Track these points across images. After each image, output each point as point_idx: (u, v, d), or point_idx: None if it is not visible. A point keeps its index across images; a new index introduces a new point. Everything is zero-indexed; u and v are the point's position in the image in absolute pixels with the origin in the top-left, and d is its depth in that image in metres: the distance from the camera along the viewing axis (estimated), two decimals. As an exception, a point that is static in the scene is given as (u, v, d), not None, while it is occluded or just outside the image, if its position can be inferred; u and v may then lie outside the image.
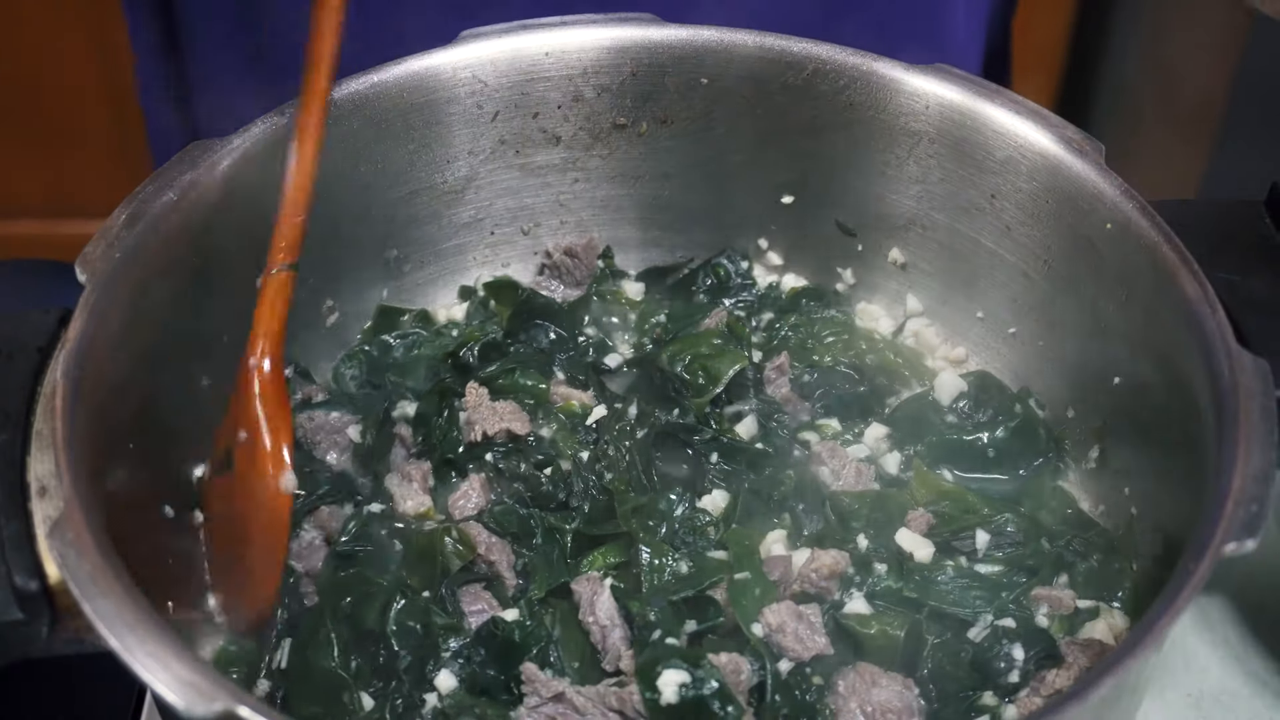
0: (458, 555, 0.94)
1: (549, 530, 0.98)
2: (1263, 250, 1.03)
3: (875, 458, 1.06)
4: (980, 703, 0.88)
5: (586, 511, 1.00)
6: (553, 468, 1.02)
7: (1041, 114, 1.03)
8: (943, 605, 0.93)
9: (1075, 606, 0.94)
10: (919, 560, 0.96)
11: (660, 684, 0.84)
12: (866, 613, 0.92)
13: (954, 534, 0.98)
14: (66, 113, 2.43)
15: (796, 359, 1.11)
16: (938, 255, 1.13)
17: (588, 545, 0.98)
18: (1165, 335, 0.91)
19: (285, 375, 1.07)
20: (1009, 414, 1.05)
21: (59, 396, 0.79)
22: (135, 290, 0.89)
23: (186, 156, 0.96)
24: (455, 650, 0.91)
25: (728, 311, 1.16)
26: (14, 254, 1.21)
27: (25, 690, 0.99)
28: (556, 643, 0.92)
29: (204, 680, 0.66)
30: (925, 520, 0.98)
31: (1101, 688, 0.67)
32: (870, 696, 0.86)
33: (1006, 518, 0.98)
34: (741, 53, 1.10)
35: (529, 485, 1.00)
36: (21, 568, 0.74)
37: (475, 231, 1.18)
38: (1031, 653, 0.89)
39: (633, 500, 0.99)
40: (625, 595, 0.92)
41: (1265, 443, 0.77)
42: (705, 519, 0.98)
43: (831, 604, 0.93)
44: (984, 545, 0.97)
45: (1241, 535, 0.72)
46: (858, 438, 1.07)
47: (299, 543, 0.98)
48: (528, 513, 0.99)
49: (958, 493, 1.01)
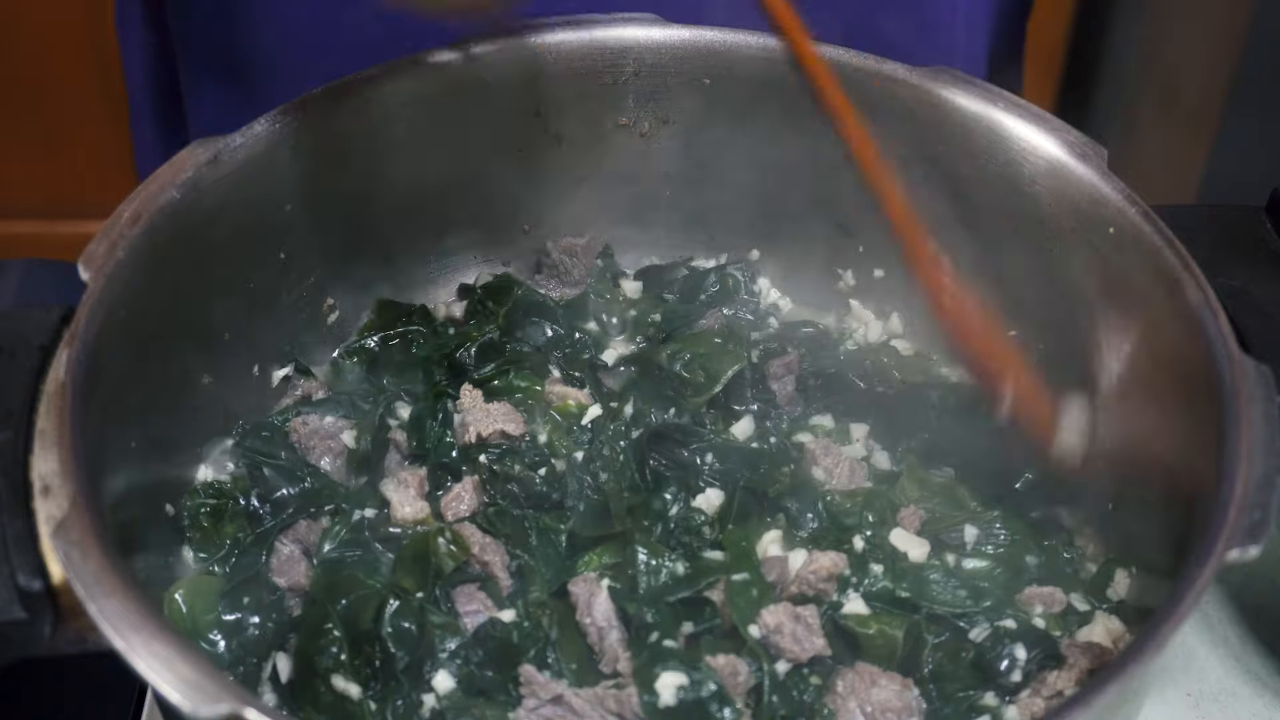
0: (451, 556, 0.94)
1: (543, 531, 0.98)
2: (1264, 255, 1.03)
3: (868, 455, 1.06)
4: (981, 703, 0.88)
5: (581, 511, 0.99)
6: (547, 468, 1.01)
7: (1044, 118, 1.03)
8: (934, 606, 0.93)
9: (1067, 602, 0.94)
10: (913, 560, 0.96)
11: (658, 686, 0.84)
12: (865, 613, 0.92)
13: (944, 529, 0.98)
14: (66, 113, 2.42)
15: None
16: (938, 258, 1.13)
17: (583, 546, 0.98)
18: (1167, 340, 0.91)
19: (286, 374, 1.08)
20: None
21: (62, 395, 0.79)
22: (138, 288, 0.89)
23: (189, 155, 0.96)
24: (452, 651, 0.90)
25: (724, 314, 1.16)
26: (14, 254, 1.21)
27: (27, 690, 0.99)
28: (554, 644, 0.92)
29: (209, 681, 0.66)
30: (918, 517, 0.99)
31: (1106, 693, 0.67)
32: (869, 696, 0.86)
33: (996, 514, 0.98)
34: (744, 54, 1.10)
35: (523, 486, 1.00)
36: (25, 567, 0.73)
37: (475, 230, 1.18)
38: (1033, 653, 0.89)
39: (628, 500, 0.99)
40: (622, 596, 0.92)
41: (1268, 449, 0.77)
42: (701, 519, 0.98)
43: (830, 604, 0.93)
44: (972, 540, 0.97)
45: (1244, 542, 0.72)
46: (850, 437, 1.07)
47: (278, 557, 0.97)
48: (521, 514, 0.99)
49: (948, 487, 1.01)
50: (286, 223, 1.04)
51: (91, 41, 2.33)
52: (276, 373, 1.08)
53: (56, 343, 0.83)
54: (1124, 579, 0.96)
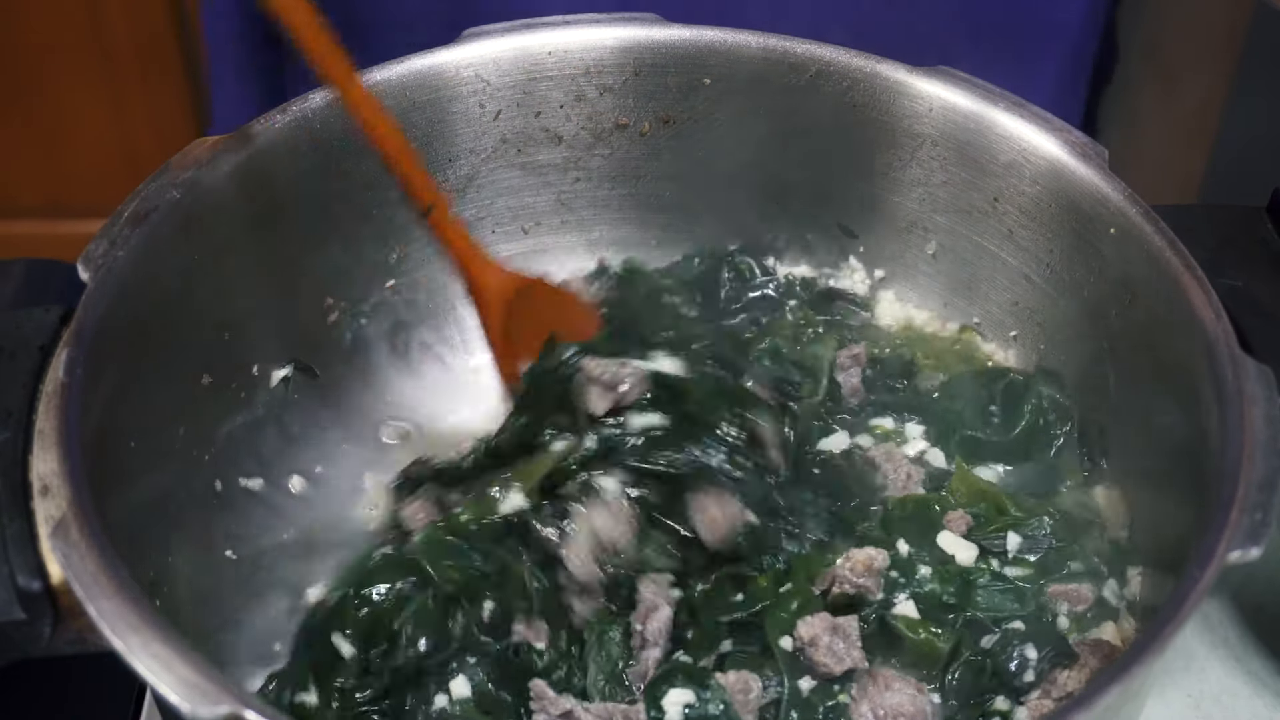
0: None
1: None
2: (1265, 256, 1.03)
3: (923, 453, 1.05)
4: (992, 707, 0.87)
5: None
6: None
7: (1045, 118, 1.03)
8: (978, 612, 0.91)
9: (1092, 599, 0.93)
10: (960, 563, 0.94)
11: (665, 703, 0.84)
12: (915, 618, 0.90)
13: (987, 535, 0.96)
14: (67, 113, 2.42)
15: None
16: (939, 258, 1.13)
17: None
18: (1168, 340, 0.91)
19: (286, 374, 1.08)
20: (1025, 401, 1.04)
21: (62, 395, 0.78)
22: (138, 288, 0.89)
23: (189, 154, 0.96)
24: (474, 663, 0.89)
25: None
26: (14, 254, 1.21)
27: (27, 690, 0.99)
28: (588, 650, 0.90)
29: (208, 682, 0.66)
30: (965, 521, 0.97)
31: (1108, 695, 0.67)
32: (883, 701, 0.85)
33: (1043, 521, 0.96)
34: (745, 53, 1.10)
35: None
36: (24, 567, 0.73)
37: (476, 230, 1.18)
38: (1045, 652, 0.88)
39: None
40: (682, 612, 0.90)
41: (1269, 449, 0.77)
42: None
43: (878, 604, 0.91)
44: (1015, 548, 0.96)
45: (1246, 543, 0.72)
46: (905, 436, 1.06)
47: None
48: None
49: (995, 494, 0.99)
50: (287, 222, 1.04)
51: (93, 41, 2.32)
52: (276, 373, 1.08)
53: (56, 343, 0.82)
54: (1135, 576, 0.95)
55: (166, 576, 0.91)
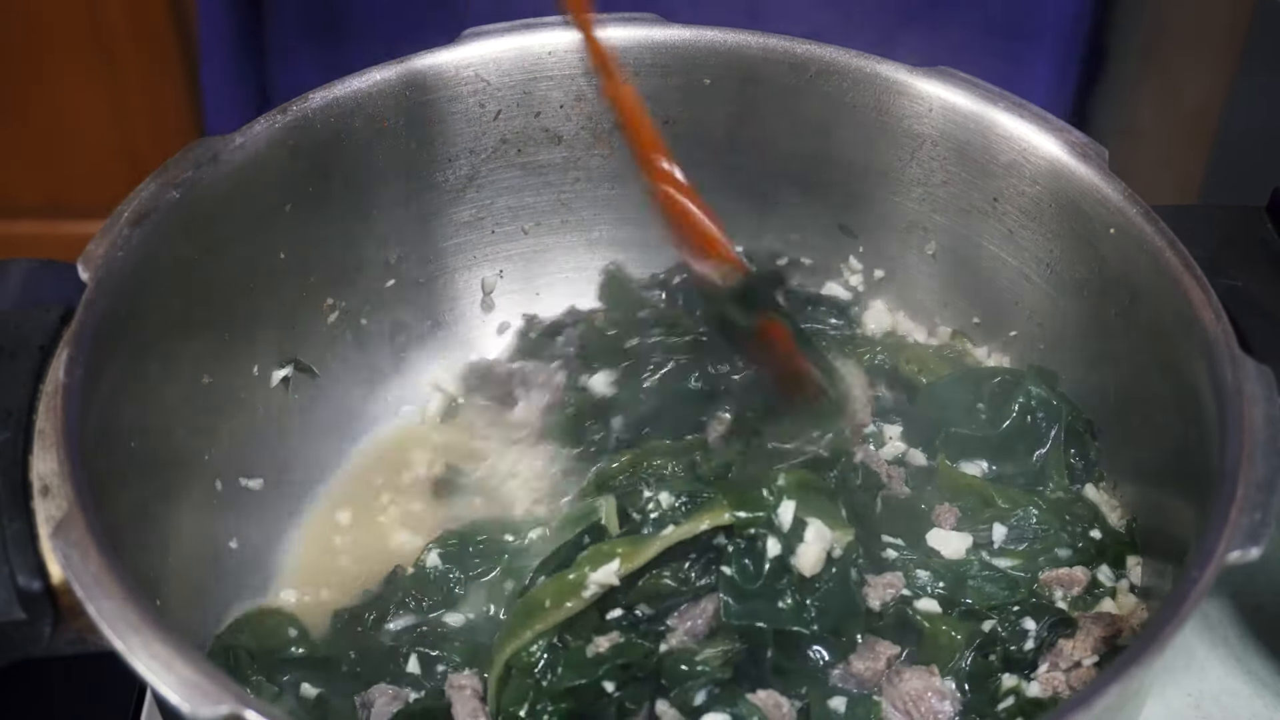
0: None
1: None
2: (1265, 255, 1.03)
3: (903, 454, 1.05)
4: (1005, 687, 0.88)
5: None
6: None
7: (1045, 118, 1.03)
8: (972, 603, 0.92)
9: (1087, 581, 0.93)
10: (950, 556, 0.95)
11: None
12: (937, 612, 0.91)
13: (974, 527, 0.97)
14: (67, 113, 2.42)
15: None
16: (939, 258, 1.13)
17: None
18: (1168, 340, 0.91)
19: (286, 374, 1.08)
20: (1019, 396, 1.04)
21: (62, 395, 0.78)
22: (138, 289, 0.89)
23: (189, 154, 0.96)
24: None
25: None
26: (14, 254, 1.21)
27: (27, 690, 0.99)
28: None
29: (208, 682, 0.66)
30: (953, 514, 0.98)
31: (1108, 694, 0.67)
32: (900, 689, 0.86)
33: (1030, 512, 0.97)
34: (745, 54, 1.10)
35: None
36: (24, 567, 0.73)
37: (476, 230, 1.18)
38: (1043, 620, 0.89)
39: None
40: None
41: (1269, 449, 0.77)
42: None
43: (900, 598, 0.91)
44: (1000, 538, 0.97)
45: (1245, 543, 0.72)
46: (884, 438, 1.06)
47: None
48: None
49: (980, 487, 0.99)
50: (287, 222, 1.04)
51: (93, 41, 2.32)
52: (276, 373, 1.08)
53: (56, 343, 0.82)
54: (1135, 564, 0.96)
55: (166, 576, 0.91)
